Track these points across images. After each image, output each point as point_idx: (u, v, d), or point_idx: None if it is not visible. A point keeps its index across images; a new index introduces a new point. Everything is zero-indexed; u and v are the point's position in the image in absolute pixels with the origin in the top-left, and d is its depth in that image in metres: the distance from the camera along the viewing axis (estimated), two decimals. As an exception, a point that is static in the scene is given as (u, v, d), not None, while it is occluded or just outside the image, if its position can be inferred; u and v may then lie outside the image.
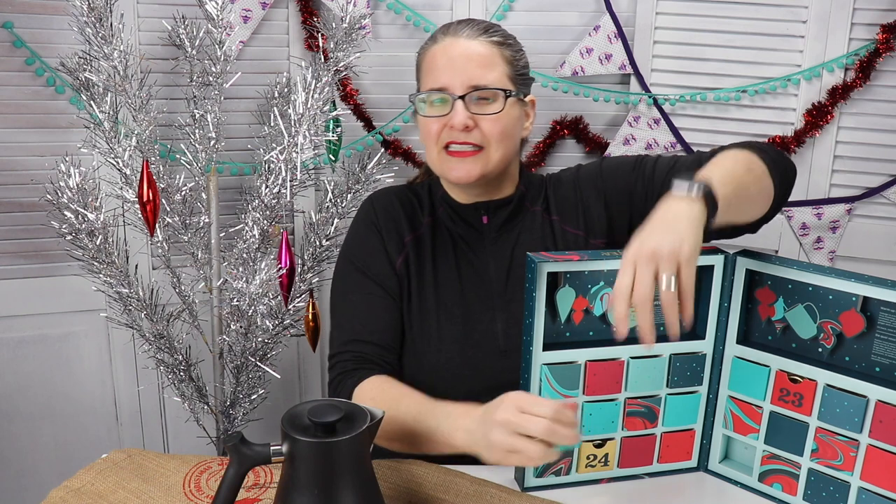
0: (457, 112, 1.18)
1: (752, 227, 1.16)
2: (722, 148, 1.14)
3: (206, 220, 1.82)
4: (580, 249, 1.25)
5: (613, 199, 1.26)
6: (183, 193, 1.80)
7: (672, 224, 0.92)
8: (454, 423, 1.03)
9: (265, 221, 1.79)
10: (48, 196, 1.66)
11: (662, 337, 1.10)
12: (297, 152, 1.74)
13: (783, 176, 1.13)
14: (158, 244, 1.80)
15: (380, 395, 1.16)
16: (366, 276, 1.26)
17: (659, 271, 0.88)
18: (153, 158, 1.74)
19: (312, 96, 1.73)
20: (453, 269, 1.26)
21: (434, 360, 1.23)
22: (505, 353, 1.22)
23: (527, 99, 1.26)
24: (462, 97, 1.18)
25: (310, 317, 1.86)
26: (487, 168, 1.21)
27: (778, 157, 1.14)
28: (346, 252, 1.32)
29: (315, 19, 1.90)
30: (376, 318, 1.24)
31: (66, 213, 1.66)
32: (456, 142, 1.19)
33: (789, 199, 1.95)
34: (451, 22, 1.27)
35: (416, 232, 1.29)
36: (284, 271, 1.74)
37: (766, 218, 1.15)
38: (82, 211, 1.67)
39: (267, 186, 1.77)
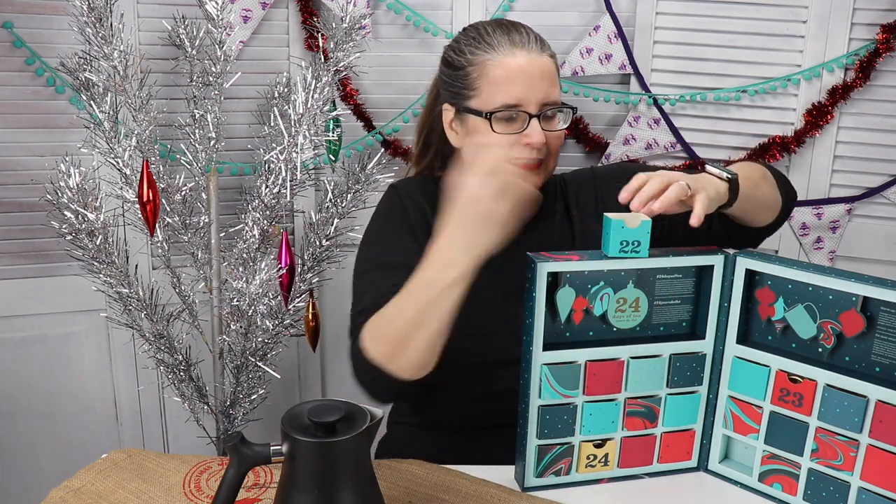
0: (535, 132, 1.20)
1: (755, 236, 1.23)
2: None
3: (206, 220, 1.82)
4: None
5: None
6: (183, 193, 1.80)
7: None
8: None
9: (265, 221, 1.79)
10: (48, 196, 1.66)
11: (663, 337, 1.11)
12: (297, 152, 1.74)
13: (787, 195, 1.24)
14: (158, 244, 1.80)
15: (376, 317, 1.08)
16: (387, 268, 1.19)
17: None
18: (153, 158, 1.74)
19: (312, 96, 1.73)
20: None
21: (460, 347, 1.13)
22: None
23: None
24: (538, 116, 1.20)
25: (310, 317, 1.86)
26: (545, 180, 1.26)
27: (783, 178, 1.25)
28: (368, 241, 1.27)
29: (315, 19, 1.90)
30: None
31: (66, 213, 1.66)
32: (524, 157, 1.21)
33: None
34: (509, 29, 1.24)
35: (431, 225, 1.23)
36: (284, 271, 1.74)
37: (770, 229, 1.24)
38: (82, 211, 1.67)
39: (267, 186, 1.77)
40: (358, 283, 1.24)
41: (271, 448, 0.86)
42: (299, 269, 1.85)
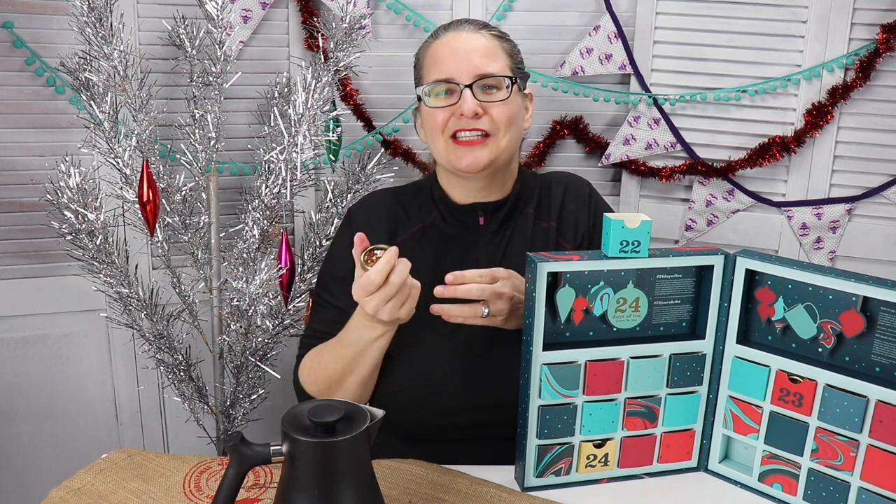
0: (465, 100, 1.21)
1: None
2: None
3: (206, 220, 1.82)
4: None
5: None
6: (183, 193, 1.80)
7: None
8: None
9: (265, 221, 1.79)
10: (48, 196, 1.66)
11: (663, 337, 1.11)
12: (297, 152, 1.74)
13: None
14: (158, 244, 1.80)
15: (313, 357, 1.26)
16: (328, 289, 1.32)
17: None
18: (153, 158, 1.74)
19: (312, 96, 1.73)
20: (438, 273, 1.21)
21: (417, 369, 1.22)
22: (488, 361, 1.20)
23: (526, 92, 1.32)
24: (469, 86, 1.21)
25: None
26: (495, 154, 1.24)
27: None
28: (324, 260, 1.38)
29: (315, 19, 1.90)
30: (334, 325, 1.27)
31: (66, 213, 1.66)
32: (465, 129, 1.22)
33: (790, 199, 1.99)
34: (450, 21, 1.31)
35: (394, 241, 1.29)
36: (284, 271, 1.74)
37: None
38: (82, 211, 1.67)
39: (267, 186, 1.77)
40: (313, 306, 1.38)
41: (271, 448, 0.86)
42: (299, 269, 1.85)
